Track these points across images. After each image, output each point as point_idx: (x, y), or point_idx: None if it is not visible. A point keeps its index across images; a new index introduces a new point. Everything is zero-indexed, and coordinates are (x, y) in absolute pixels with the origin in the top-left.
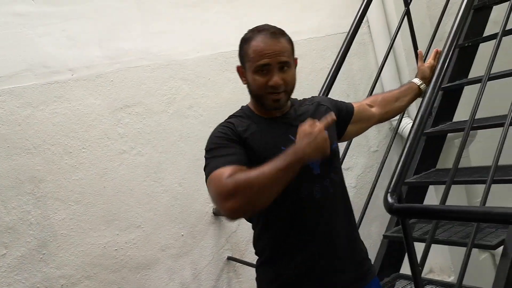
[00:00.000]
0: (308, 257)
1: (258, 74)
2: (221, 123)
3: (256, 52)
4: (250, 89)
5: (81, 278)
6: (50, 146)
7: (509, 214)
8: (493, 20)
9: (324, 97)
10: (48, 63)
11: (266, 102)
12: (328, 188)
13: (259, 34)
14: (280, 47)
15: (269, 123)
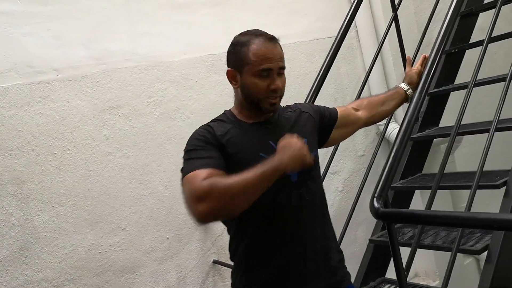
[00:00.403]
0: (281, 264)
1: (258, 78)
2: (201, 126)
3: (258, 55)
4: (245, 92)
5: (64, 281)
6: (34, 147)
7: (492, 219)
8: (480, 26)
9: (306, 104)
10: (33, 63)
11: (264, 106)
12: (304, 196)
13: (257, 38)
14: (279, 52)
15: (250, 129)
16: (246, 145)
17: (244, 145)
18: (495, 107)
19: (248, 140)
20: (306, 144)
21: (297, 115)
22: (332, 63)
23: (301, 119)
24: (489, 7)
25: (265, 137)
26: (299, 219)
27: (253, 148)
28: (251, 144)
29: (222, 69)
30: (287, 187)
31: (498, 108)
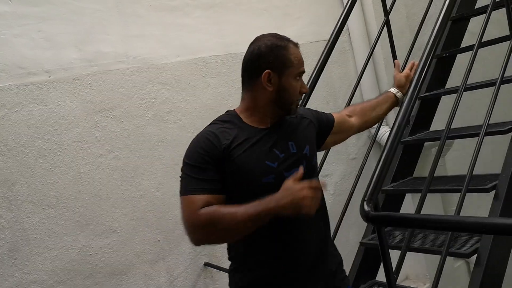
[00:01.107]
0: (280, 268)
1: (295, 81)
2: (207, 129)
3: (297, 59)
4: (281, 94)
5: (54, 283)
6: (25, 148)
7: (480, 223)
8: (471, 31)
9: (306, 109)
10: (24, 64)
11: (293, 108)
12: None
13: (290, 42)
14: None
15: (257, 134)
16: (252, 153)
17: (250, 153)
18: (485, 112)
19: (254, 147)
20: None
21: (299, 120)
22: (324, 66)
23: (303, 124)
24: (480, 12)
25: (270, 145)
26: (298, 224)
27: (259, 156)
28: (257, 151)
29: (214, 72)
30: None
31: (488, 112)
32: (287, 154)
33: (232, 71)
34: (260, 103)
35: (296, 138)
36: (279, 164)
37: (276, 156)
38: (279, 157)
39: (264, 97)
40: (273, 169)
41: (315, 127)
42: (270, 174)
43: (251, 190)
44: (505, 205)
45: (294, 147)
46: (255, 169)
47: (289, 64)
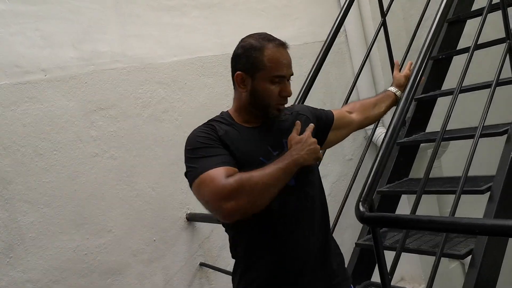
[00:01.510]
0: (279, 267)
1: (271, 83)
2: (202, 125)
3: (272, 62)
4: (255, 97)
5: (49, 282)
6: (20, 147)
7: (474, 224)
8: (468, 33)
9: (303, 106)
10: (20, 63)
11: (271, 111)
12: (302, 201)
13: (270, 43)
14: (290, 60)
15: (248, 133)
16: (246, 149)
17: (244, 149)
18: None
19: (247, 144)
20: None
21: (294, 118)
22: (321, 67)
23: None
24: (476, 14)
25: (262, 142)
26: (296, 223)
27: (252, 152)
28: (251, 148)
29: (211, 72)
30: (284, 191)
31: (483, 114)
32: (280, 152)
33: (228, 71)
34: (242, 104)
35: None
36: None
37: (269, 153)
38: (272, 154)
39: (243, 99)
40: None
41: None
42: None
43: None
44: (500, 207)
45: (287, 145)
46: (249, 165)
47: (261, 67)
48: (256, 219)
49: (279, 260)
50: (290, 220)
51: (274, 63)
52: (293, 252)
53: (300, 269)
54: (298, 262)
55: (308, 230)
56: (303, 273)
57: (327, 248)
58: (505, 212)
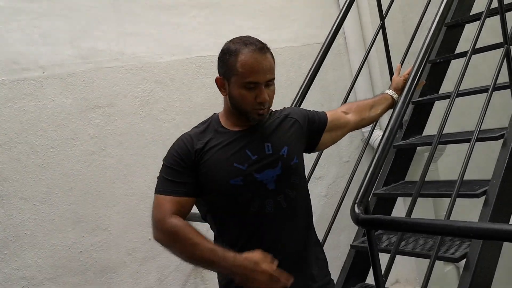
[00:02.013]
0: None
1: (245, 89)
2: (186, 133)
3: (245, 67)
4: (232, 102)
5: (44, 280)
6: (17, 144)
7: (469, 228)
8: (466, 37)
9: (295, 109)
10: (18, 60)
11: (251, 116)
12: (281, 204)
13: (246, 48)
14: (268, 64)
15: (230, 137)
16: (221, 156)
17: (219, 156)
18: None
19: (224, 150)
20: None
21: (281, 121)
22: (319, 69)
23: (285, 125)
24: (474, 19)
25: (242, 147)
26: (275, 226)
27: (227, 158)
28: (227, 154)
29: (209, 72)
30: (262, 195)
31: (480, 118)
32: (261, 156)
33: None
34: (227, 108)
35: (273, 139)
36: (249, 166)
37: (246, 157)
38: (250, 159)
39: (225, 102)
40: (241, 171)
41: (301, 126)
42: (238, 176)
43: (220, 191)
44: (495, 211)
45: (270, 148)
46: (222, 171)
47: (234, 72)
48: (236, 220)
49: None
50: (268, 222)
51: (246, 69)
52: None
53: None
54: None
55: (287, 233)
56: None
57: (307, 252)
58: (500, 216)
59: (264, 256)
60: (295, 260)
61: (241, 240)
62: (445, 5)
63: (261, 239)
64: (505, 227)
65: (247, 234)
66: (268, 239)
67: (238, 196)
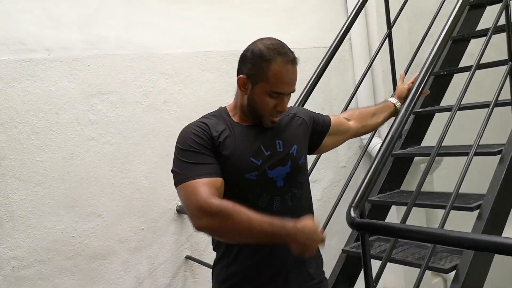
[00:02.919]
0: (255, 265)
1: (269, 97)
2: (195, 121)
3: (277, 77)
4: (251, 103)
5: (34, 261)
6: (18, 124)
7: (463, 238)
8: (470, 53)
9: (301, 109)
10: (25, 40)
11: (265, 121)
12: (287, 202)
13: (279, 57)
14: (295, 77)
15: (242, 131)
16: (238, 149)
17: (236, 148)
18: (475, 133)
19: (240, 143)
20: (295, 151)
21: (290, 119)
22: (323, 72)
23: (293, 124)
24: (481, 34)
25: (256, 142)
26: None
27: (244, 152)
28: (243, 148)
29: (214, 67)
30: (271, 191)
31: (479, 133)
32: (273, 152)
33: (231, 68)
34: (240, 104)
35: (284, 137)
36: (264, 162)
37: (261, 153)
38: (264, 155)
39: (241, 99)
40: (256, 166)
41: (308, 127)
42: (253, 171)
43: (233, 184)
44: (487, 225)
45: (281, 145)
46: (239, 165)
47: (264, 79)
48: None
49: (257, 258)
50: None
51: (277, 79)
52: (272, 252)
53: (277, 268)
54: (276, 262)
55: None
56: (279, 273)
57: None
58: (492, 231)
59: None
60: (297, 257)
61: None
62: (453, 19)
63: None
64: (499, 240)
65: None
66: None
67: (249, 191)
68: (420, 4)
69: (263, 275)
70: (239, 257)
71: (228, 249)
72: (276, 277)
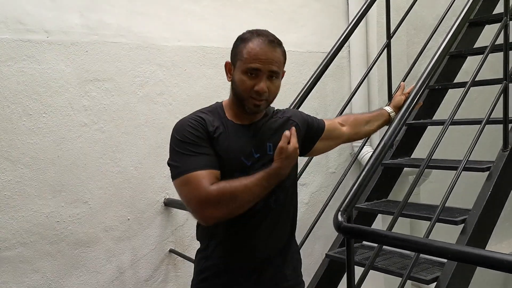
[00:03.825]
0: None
1: (246, 76)
2: (191, 114)
3: (250, 54)
4: (233, 87)
5: (16, 243)
6: (10, 104)
7: (447, 249)
8: (464, 70)
9: (296, 112)
10: (25, 20)
11: (247, 105)
12: (271, 204)
13: (257, 38)
14: (274, 56)
15: (236, 130)
16: (230, 147)
17: (229, 146)
18: (465, 149)
19: (233, 142)
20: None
21: (283, 122)
22: (320, 78)
23: (286, 127)
24: (478, 52)
25: (248, 143)
26: (261, 225)
27: (236, 151)
28: (236, 147)
29: (212, 63)
30: None
31: (469, 148)
32: (262, 155)
33: None
34: (230, 97)
35: (275, 140)
36: (252, 164)
37: (251, 155)
38: (254, 157)
39: (231, 90)
40: (246, 167)
41: (300, 131)
42: (242, 171)
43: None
44: (471, 240)
45: (271, 148)
46: (230, 163)
47: (239, 57)
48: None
49: (232, 253)
50: (255, 220)
51: (251, 56)
52: (248, 249)
53: (251, 266)
54: (250, 259)
55: (270, 233)
56: (253, 271)
57: (285, 252)
58: (476, 246)
59: (282, 145)
60: (273, 258)
61: (226, 229)
62: (452, 35)
63: (246, 232)
64: (483, 252)
65: (233, 228)
66: (252, 237)
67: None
68: (420, 17)
69: (236, 271)
70: (216, 251)
71: (210, 241)
72: (249, 275)
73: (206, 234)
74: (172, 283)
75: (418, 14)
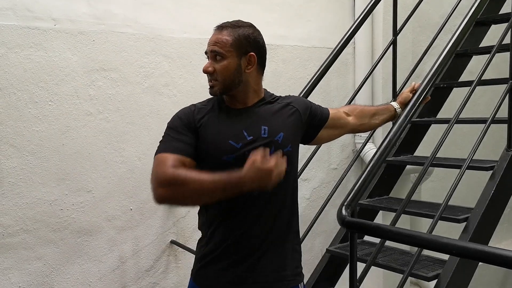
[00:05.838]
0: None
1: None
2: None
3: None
4: None
5: (20, 230)
6: (17, 91)
7: (452, 245)
8: (468, 69)
9: (299, 98)
10: (33, 7)
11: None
12: (269, 192)
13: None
14: (217, 38)
15: (230, 114)
16: (218, 131)
17: (216, 130)
18: (468, 148)
19: (222, 126)
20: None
21: (281, 107)
22: (324, 73)
23: (284, 112)
24: (484, 51)
25: (239, 125)
26: (257, 208)
27: (223, 134)
28: (223, 130)
29: None
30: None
31: (474, 147)
32: (256, 138)
33: None
34: None
35: (271, 124)
36: (244, 146)
37: (242, 137)
38: (245, 139)
39: None
40: (235, 149)
41: (301, 117)
42: (231, 153)
43: (211, 165)
44: (473, 239)
45: (267, 131)
46: (217, 147)
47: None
48: (220, 204)
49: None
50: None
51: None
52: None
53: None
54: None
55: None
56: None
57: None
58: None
59: (258, 156)
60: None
61: (223, 217)
62: (459, 34)
63: (243, 219)
64: (488, 249)
65: (229, 212)
66: (249, 220)
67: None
68: (426, 16)
69: (231, 258)
70: (214, 237)
71: (209, 229)
72: (243, 263)
73: (205, 223)
74: (172, 274)
75: (424, 12)
